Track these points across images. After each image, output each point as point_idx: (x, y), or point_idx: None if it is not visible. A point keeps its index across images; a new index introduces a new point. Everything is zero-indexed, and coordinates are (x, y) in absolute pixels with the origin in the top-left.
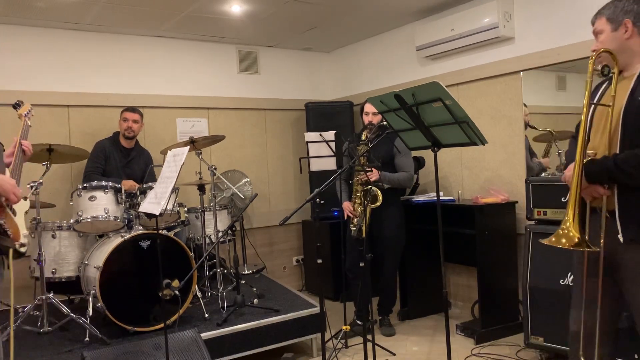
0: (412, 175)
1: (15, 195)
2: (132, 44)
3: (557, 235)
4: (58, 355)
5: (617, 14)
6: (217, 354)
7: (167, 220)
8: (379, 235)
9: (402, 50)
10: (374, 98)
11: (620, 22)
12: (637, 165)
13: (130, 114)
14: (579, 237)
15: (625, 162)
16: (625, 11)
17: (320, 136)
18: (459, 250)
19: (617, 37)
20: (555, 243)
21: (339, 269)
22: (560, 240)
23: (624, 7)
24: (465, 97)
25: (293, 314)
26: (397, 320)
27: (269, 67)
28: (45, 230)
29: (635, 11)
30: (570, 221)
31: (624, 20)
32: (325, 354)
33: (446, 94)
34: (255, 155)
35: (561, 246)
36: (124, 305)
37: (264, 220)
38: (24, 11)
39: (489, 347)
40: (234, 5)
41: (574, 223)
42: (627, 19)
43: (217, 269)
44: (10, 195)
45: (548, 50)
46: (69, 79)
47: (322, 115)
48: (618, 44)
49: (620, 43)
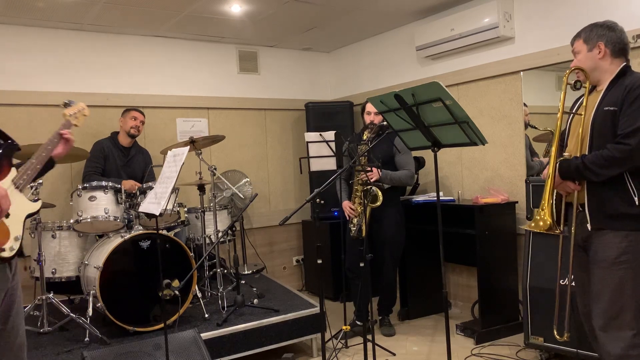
0: (412, 173)
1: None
2: (132, 43)
3: (534, 221)
4: (58, 355)
5: (592, 37)
6: (217, 354)
7: (167, 220)
8: (378, 235)
9: (402, 50)
10: (374, 98)
11: (595, 44)
12: (601, 165)
13: (139, 114)
14: (551, 222)
15: (591, 161)
16: (599, 35)
17: (320, 136)
18: (459, 250)
19: (591, 57)
20: (534, 228)
21: (339, 269)
22: (538, 224)
23: (598, 32)
24: (465, 97)
25: (293, 314)
26: (397, 320)
27: (269, 67)
28: (45, 230)
29: (607, 36)
30: (544, 209)
31: (598, 43)
32: (325, 354)
33: (446, 94)
34: (255, 155)
35: (538, 230)
36: (124, 305)
37: (264, 220)
38: (24, 11)
39: (489, 347)
40: (234, 5)
41: (547, 211)
42: (601, 42)
43: (217, 269)
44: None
45: (548, 50)
46: (69, 79)
47: (322, 115)
48: (592, 63)
49: (594, 62)
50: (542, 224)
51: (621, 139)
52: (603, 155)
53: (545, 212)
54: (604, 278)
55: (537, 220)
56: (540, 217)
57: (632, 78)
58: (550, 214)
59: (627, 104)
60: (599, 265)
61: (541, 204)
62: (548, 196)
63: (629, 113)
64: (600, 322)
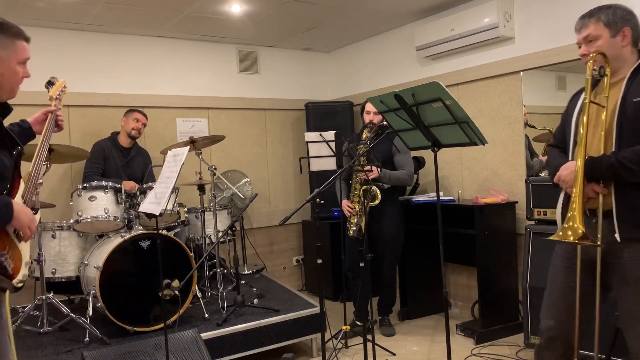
0: (412, 173)
1: (31, 230)
2: (132, 44)
3: (563, 230)
4: (58, 355)
5: (617, 20)
6: (217, 354)
7: (167, 220)
8: (378, 235)
9: (402, 50)
10: (374, 98)
11: (619, 29)
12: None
13: (142, 116)
14: (583, 230)
15: (628, 159)
16: (625, 19)
17: (320, 136)
18: (459, 250)
19: (614, 44)
20: (563, 237)
21: (339, 269)
22: (567, 233)
23: (623, 15)
24: (465, 97)
25: (293, 314)
26: (397, 320)
27: (269, 67)
28: (45, 230)
29: (632, 21)
30: (576, 216)
31: (624, 28)
32: (325, 354)
33: (446, 94)
34: (255, 155)
35: (566, 240)
36: (124, 305)
37: (264, 220)
38: (24, 11)
39: (489, 347)
40: (234, 5)
41: (579, 218)
42: (627, 27)
43: (217, 269)
44: (25, 229)
45: (548, 50)
46: (69, 79)
47: (322, 115)
48: (615, 51)
49: (617, 50)
50: (572, 234)
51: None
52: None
53: (576, 220)
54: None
55: (565, 229)
56: (569, 225)
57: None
58: (581, 221)
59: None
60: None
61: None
62: (579, 200)
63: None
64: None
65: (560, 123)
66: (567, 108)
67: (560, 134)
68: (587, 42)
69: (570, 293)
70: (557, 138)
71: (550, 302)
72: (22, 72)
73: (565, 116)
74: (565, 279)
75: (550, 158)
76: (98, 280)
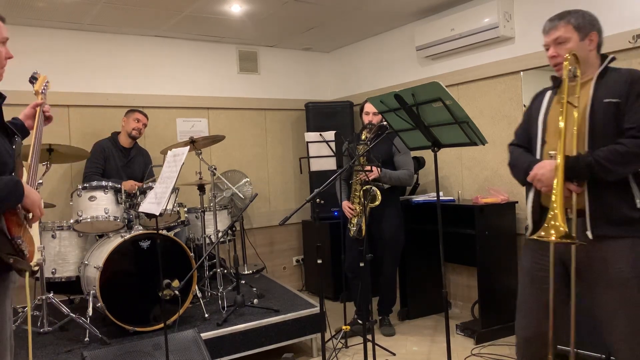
0: (412, 173)
1: (41, 210)
2: (132, 44)
3: (544, 229)
4: (58, 355)
5: (586, 24)
6: (217, 354)
7: (167, 220)
8: (378, 235)
9: (402, 50)
10: (374, 98)
11: (588, 33)
12: (616, 161)
13: (143, 116)
14: (566, 229)
15: (605, 158)
16: (592, 24)
17: (320, 136)
18: (459, 250)
19: (583, 47)
20: (545, 237)
21: (339, 269)
22: (548, 232)
23: (590, 20)
24: (465, 97)
25: (293, 314)
26: (397, 320)
27: (269, 67)
28: (45, 230)
29: (597, 27)
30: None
31: (591, 33)
32: (325, 354)
33: (446, 94)
34: (255, 155)
35: (547, 239)
36: (124, 305)
37: (264, 220)
38: (24, 11)
39: (489, 347)
40: (234, 5)
41: (560, 216)
42: (594, 31)
43: (217, 269)
44: (36, 209)
45: None
46: (69, 79)
47: (322, 115)
48: (583, 54)
49: (585, 53)
50: (555, 232)
51: (635, 133)
52: (619, 151)
53: (558, 218)
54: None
55: (547, 229)
56: (551, 224)
57: (628, 70)
58: (563, 220)
59: (634, 97)
60: (609, 283)
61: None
62: (560, 199)
63: (634, 106)
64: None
65: (522, 122)
66: (531, 107)
67: (524, 133)
68: (556, 44)
69: (542, 292)
70: (520, 137)
71: (524, 303)
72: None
73: (528, 115)
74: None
75: (515, 157)
76: (98, 280)
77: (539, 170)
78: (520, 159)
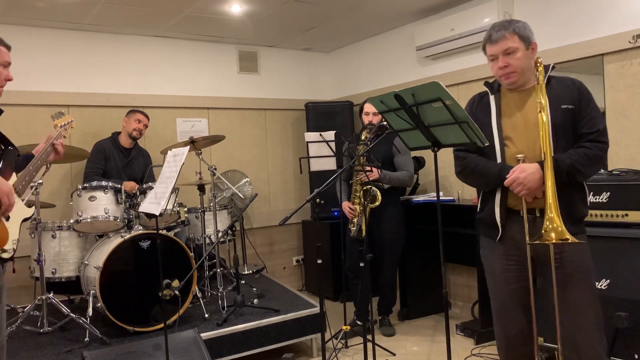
0: (412, 174)
1: (9, 199)
2: (132, 44)
3: (545, 233)
4: (58, 355)
5: (528, 34)
6: (217, 354)
7: (167, 220)
8: (378, 235)
9: (402, 50)
10: (374, 98)
11: (530, 43)
12: (587, 164)
13: (144, 117)
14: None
15: (582, 163)
16: (531, 34)
17: (320, 136)
18: (459, 250)
19: (528, 56)
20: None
21: (339, 269)
22: (549, 235)
23: (530, 30)
24: (465, 97)
25: (293, 314)
26: (397, 320)
27: (269, 67)
28: (45, 230)
29: (533, 37)
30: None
31: (532, 42)
32: (325, 354)
33: (446, 94)
34: (255, 155)
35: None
36: (124, 305)
37: (264, 220)
38: (24, 11)
39: (489, 347)
40: (234, 5)
41: (557, 217)
42: (534, 41)
43: (217, 269)
44: (4, 197)
45: (548, 50)
46: (69, 79)
47: (322, 115)
48: (529, 63)
49: (530, 62)
50: (555, 234)
51: (597, 137)
52: (588, 155)
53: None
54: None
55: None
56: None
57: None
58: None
59: (585, 103)
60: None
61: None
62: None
63: (588, 112)
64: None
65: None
66: (475, 113)
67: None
68: (505, 54)
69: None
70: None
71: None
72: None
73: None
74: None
75: (476, 164)
76: (98, 280)
77: (520, 173)
78: (486, 165)
